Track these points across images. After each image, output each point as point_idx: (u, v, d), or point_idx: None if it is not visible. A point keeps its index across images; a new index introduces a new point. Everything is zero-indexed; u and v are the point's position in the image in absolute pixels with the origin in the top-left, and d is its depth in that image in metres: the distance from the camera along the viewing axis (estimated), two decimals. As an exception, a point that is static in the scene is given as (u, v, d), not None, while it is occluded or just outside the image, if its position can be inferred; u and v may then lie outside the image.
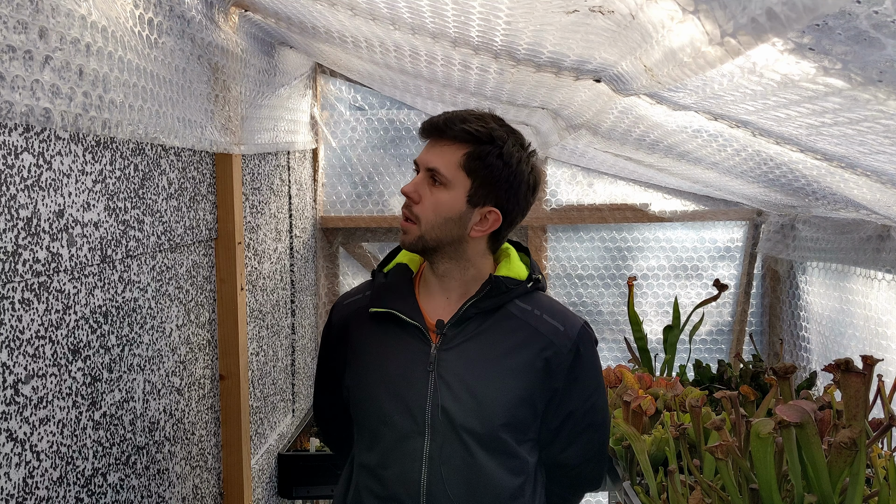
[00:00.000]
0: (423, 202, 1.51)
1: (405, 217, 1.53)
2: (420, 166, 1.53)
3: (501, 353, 1.54)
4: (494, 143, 1.50)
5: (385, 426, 1.54)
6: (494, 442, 1.52)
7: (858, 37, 0.80)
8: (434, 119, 1.52)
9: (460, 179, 1.49)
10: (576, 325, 1.58)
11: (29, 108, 1.09)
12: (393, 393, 1.53)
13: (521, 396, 1.53)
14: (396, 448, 1.53)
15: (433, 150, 1.51)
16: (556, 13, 1.25)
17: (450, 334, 1.55)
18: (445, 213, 1.50)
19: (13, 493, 1.14)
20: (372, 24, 1.73)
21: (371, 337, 1.60)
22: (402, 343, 1.56)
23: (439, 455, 1.51)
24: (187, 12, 1.66)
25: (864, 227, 2.19)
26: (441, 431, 1.51)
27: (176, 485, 1.77)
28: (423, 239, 1.52)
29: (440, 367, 1.52)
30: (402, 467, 1.52)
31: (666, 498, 1.79)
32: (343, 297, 1.72)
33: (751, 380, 2.50)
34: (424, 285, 1.62)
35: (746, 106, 1.38)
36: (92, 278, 1.38)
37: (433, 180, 1.50)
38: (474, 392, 1.51)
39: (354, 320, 1.63)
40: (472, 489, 1.51)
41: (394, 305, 1.57)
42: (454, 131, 1.49)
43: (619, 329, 3.34)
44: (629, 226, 3.32)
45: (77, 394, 1.33)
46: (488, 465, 1.51)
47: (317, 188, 3.28)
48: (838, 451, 1.30)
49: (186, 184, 1.82)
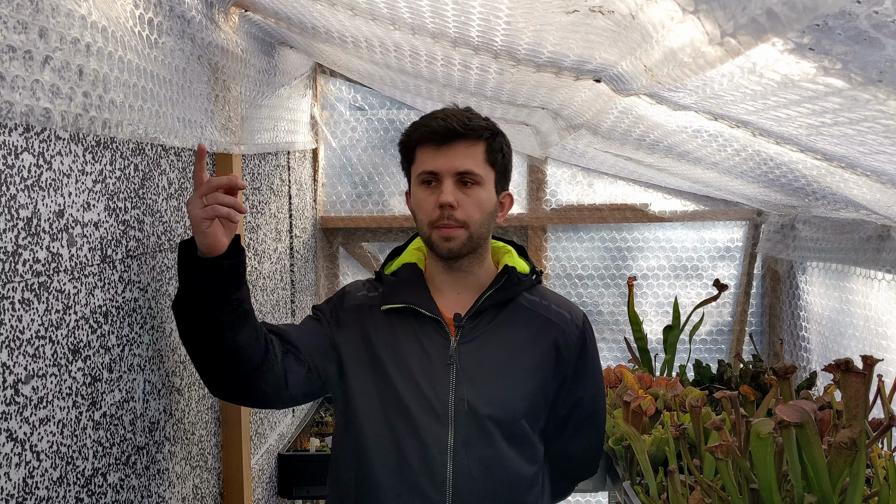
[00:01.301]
0: (464, 205, 1.54)
1: (448, 225, 1.53)
2: (443, 173, 1.53)
3: (519, 344, 1.60)
4: (499, 132, 1.60)
5: (405, 420, 1.54)
6: (516, 430, 1.57)
7: (858, 37, 0.80)
8: (442, 125, 1.54)
9: (488, 173, 1.57)
10: (579, 314, 1.68)
11: (29, 108, 1.09)
12: (413, 387, 1.54)
13: (538, 384, 1.60)
14: (418, 441, 1.53)
15: (453, 153, 1.53)
16: (556, 13, 1.25)
17: (467, 327, 1.59)
18: (488, 208, 1.57)
19: (13, 493, 1.14)
20: (372, 24, 1.73)
21: (386, 333, 1.59)
22: (420, 337, 1.58)
23: (464, 446, 1.53)
24: (187, 12, 1.66)
25: (864, 227, 2.19)
26: (464, 423, 1.53)
27: (176, 485, 1.77)
28: (472, 240, 1.56)
29: (461, 360, 1.55)
30: (426, 460, 1.53)
31: (666, 498, 1.79)
32: (351, 287, 1.70)
33: (751, 380, 2.50)
34: (432, 282, 1.64)
35: (746, 106, 1.38)
36: (92, 278, 1.39)
37: (463, 182, 1.54)
38: (497, 382, 1.56)
39: (367, 315, 1.63)
40: (496, 478, 1.55)
41: (411, 300, 1.60)
42: (472, 130, 1.54)
43: (619, 329, 3.34)
44: (629, 226, 3.32)
45: (77, 394, 1.33)
46: (509, 454, 1.56)
47: (317, 188, 3.29)
48: (838, 451, 1.30)
49: (187, 184, 1.82)
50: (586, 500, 3.45)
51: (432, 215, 1.54)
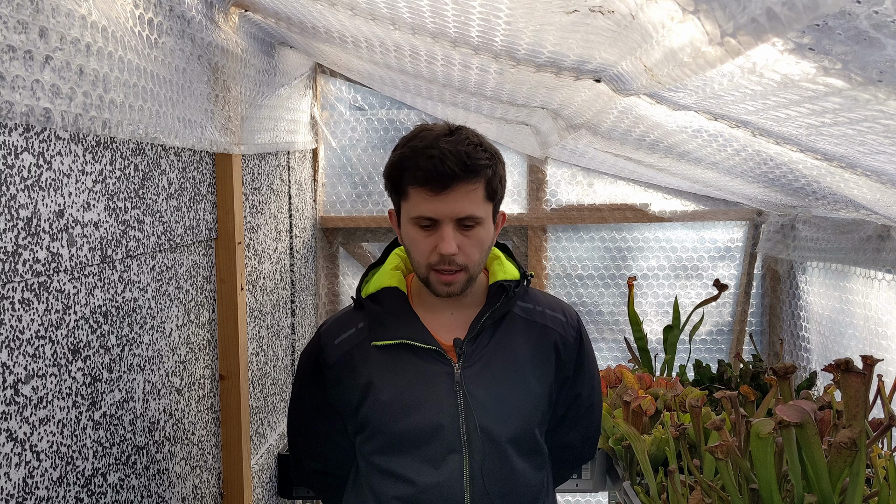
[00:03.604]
0: (465, 248, 1.44)
1: (449, 271, 1.45)
2: (442, 218, 1.42)
3: (521, 357, 1.56)
4: (498, 161, 1.49)
5: (417, 453, 1.50)
6: (530, 443, 1.56)
7: (858, 37, 0.80)
8: (440, 168, 1.38)
9: (488, 210, 1.47)
10: (573, 314, 1.67)
11: (29, 108, 1.09)
12: (422, 419, 1.50)
13: (544, 391, 1.58)
14: (433, 472, 1.50)
15: (451, 198, 1.40)
16: (556, 13, 1.25)
17: (468, 351, 1.53)
18: (487, 243, 1.49)
19: (13, 493, 1.14)
20: (372, 24, 1.73)
21: (383, 370, 1.52)
22: (420, 369, 1.51)
23: (480, 470, 1.49)
24: (187, 12, 1.66)
25: (864, 227, 2.19)
26: (478, 447, 1.49)
27: (176, 485, 1.77)
28: (471, 279, 1.50)
29: (468, 385, 1.50)
30: (443, 489, 1.49)
31: (666, 498, 1.79)
32: (328, 334, 1.60)
33: (751, 380, 2.50)
34: (422, 305, 1.57)
35: (746, 106, 1.38)
36: (92, 278, 1.38)
37: (464, 225, 1.44)
38: (507, 401, 1.52)
39: (358, 356, 1.54)
40: (511, 494, 1.53)
41: (403, 334, 1.52)
42: (472, 172, 1.41)
43: (619, 329, 3.34)
44: (629, 226, 3.32)
45: (77, 394, 1.33)
46: (522, 467, 1.54)
47: (317, 188, 3.29)
48: (838, 451, 1.30)
49: (186, 184, 1.82)
50: (586, 500, 3.45)
51: (430, 258, 1.45)
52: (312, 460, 1.68)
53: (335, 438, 1.63)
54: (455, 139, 1.43)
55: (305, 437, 1.68)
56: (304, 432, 1.68)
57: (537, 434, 1.57)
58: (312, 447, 1.67)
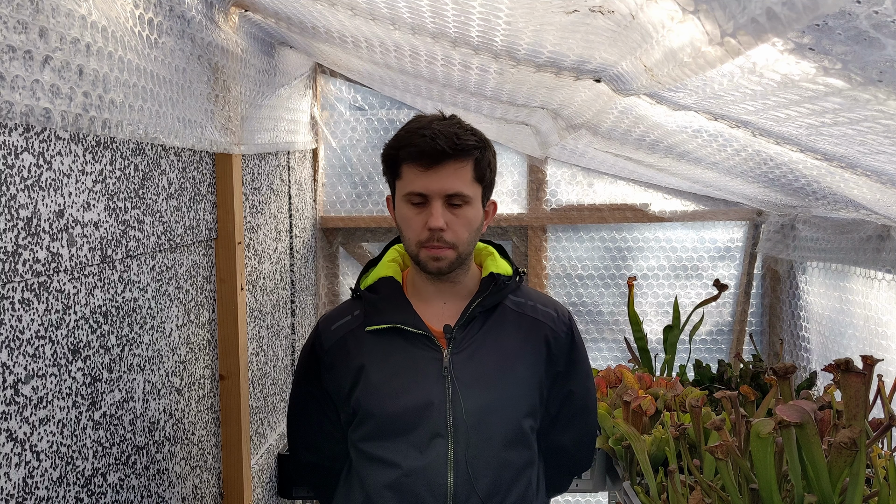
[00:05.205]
0: (453, 226, 1.52)
1: (438, 247, 1.52)
2: (431, 195, 1.50)
3: (511, 347, 1.60)
4: (486, 146, 1.56)
5: (404, 437, 1.54)
6: (517, 434, 1.57)
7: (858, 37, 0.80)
8: (430, 145, 1.48)
9: (476, 191, 1.54)
10: (564, 311, 1.70)
11: (29, 108, 1.09)
12: (410, 402, 1.54)
13: (534, 384, 1.60)
14: (418, 456, 1.53)
15: (441, 174, 1.49)
16: (556, 13, 1.25)
17: (458, 337, 1.58)
18: (475, 225, 1.56)
19: (13, 493, 1.14)
20: (372, 24, 1.73)
21: (375, 354, 1.58)
22: (411, 354, 1.57)
23: (464, 457, 1.53)
24: (187, 12, 1.66)
25: (864, 227, 2.19)
26: (464, 433, 1.53)
27: (176, 485, 1.77)
28: (460, 258, 1.56)
29: (456, 371, 1.55)
30: (427, 473, 1.53)
31: (666, 498, 1.79)
32: (326, 322, 1.67)
33: (751, 380, 2.50)
34: (416, 293, 1.63)
35: (746, 106, 1.38)
36: (92, 278, 1.38)
37: (452, 203, 1.51)
38: (495, 389, 1.56)
39: (352, 341, 1.61)
40: (498, 485, 1.55)
41: (395, 318, 1.58)
42: (461, 151, 1.49)
43: (619, 329, 3.34)
44: (629, 226, 3.32)
45: (77, 394, 1.33)
46: (510, 457, 1.56)
47: (317, 188, 3.29)
48: (838, 451, 1.30)
49: (186, 184, 1.82)
50: (586, 500, 3.45)
51: (421, 235, 1.52)
52: (307, 452, 1.71)
53: (328, 429, 1.66)
54: (447, 122, 1.53)
55: (301, 427, 1.71)
56: (299, 421, 1.71)
57: (525, 427, 1.58)
58: (307, 438, 1.70)
